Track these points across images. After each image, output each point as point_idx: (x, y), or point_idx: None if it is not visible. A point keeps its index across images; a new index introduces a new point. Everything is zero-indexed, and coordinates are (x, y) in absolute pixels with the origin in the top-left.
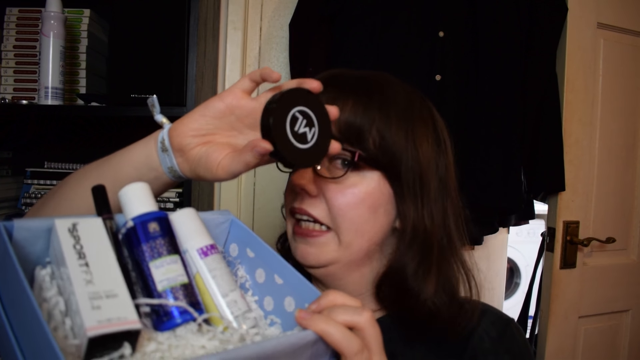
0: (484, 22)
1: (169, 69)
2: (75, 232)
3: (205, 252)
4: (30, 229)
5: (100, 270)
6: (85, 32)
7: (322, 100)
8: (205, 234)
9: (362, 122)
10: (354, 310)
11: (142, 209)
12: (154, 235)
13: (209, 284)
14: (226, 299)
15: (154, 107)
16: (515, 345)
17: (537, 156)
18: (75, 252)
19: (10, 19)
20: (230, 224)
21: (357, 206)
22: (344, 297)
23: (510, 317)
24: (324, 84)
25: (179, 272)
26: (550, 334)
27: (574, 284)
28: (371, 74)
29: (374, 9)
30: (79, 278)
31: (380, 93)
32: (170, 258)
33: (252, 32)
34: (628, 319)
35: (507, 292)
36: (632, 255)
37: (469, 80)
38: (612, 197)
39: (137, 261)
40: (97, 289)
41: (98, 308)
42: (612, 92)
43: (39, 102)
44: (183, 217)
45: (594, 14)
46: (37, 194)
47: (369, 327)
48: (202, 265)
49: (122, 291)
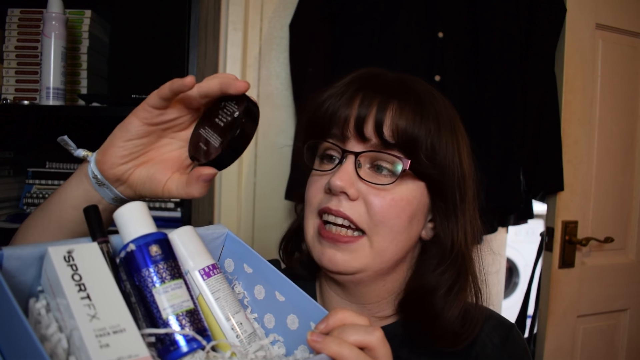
0: (484, 23)
1: (170, 70)
2: (71, 261)
3: (207, 272)
4: (20, 258)
5: (103, 302)
6: (86, 32)
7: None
8: (206, 253)
9: (419, 132)
10: (365, 330)
11: (142, 231)
12: (155, 259)
13: (212, 306)
14: (231, 322)
15: (68, 145)
16: (517, 350)
17: (536, 156)
18: (75, 283)
19: (12, 20)
20: (225, 238)
21: (398, 214)
22: (353, 315)
23: (512, 323)
24: (363, 83)
25: (184, 297)
26: (549, 333)
27: (573, 283)
28: (408, 78)
29: (374, 9)
30: (81, 313)
31: (431, 103)
32: (175, 283)
33: (253, 32)
34: (626, 318)
35: (506, 292)
36: (630, 254)
37: (468, 80)
38: (610, 197)
39: (138, 287)
40: (102, 325)
41: (106, 346)
42: (610, 93)
43: (40, 103)
44: (183, 237)
45: (593, 14)
46: (38, 194)
47: (381, 347)
48: (204, 287)
49: (129, 325)
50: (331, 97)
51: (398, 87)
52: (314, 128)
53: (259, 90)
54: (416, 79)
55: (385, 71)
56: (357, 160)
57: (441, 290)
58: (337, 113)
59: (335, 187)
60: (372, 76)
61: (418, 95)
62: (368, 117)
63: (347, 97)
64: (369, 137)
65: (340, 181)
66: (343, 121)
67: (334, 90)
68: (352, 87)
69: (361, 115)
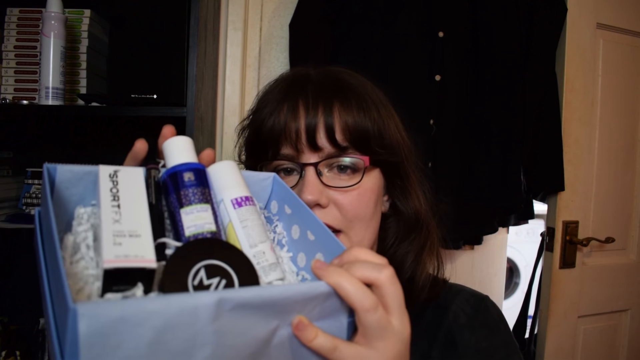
0: (484, 22)
1: (169, 69)
2: (115, 178)
3: (239, 202)
4: (72, 171)
5: (129, 212)
6: (85, 32)
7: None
8: (242, 186)
9: (366, 126)
10: (374, 267)
11: (181, 160)
12: (188, 184)
13: (239, 233)
14: (254, 250)
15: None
16: (490, 318)
17: (537, 156)
18: (111, 194)
19: (11, 20)
20: (272, 181)
21: (366, 204)
22: (368, 253)
23: (485, 294)
24: (297, 89)
25: (207, 220)
26: (550, 333)
27: (573, 283)
28: (332, 70)
29: (373, 9)
30: (108, 216)
31: (365, 91)
32: (201, 206)
33: (252, 32)
34: (627, 319)
35: (507, 292)
36: (631, 255)
37: (468, 80)
38: (611, 197)
39: (170, 208)
40: (122, 228)
41: (119, 245)
42: (611, 92)
43: (39, 102)
44: (222, 169)
45: (593, 14)
46: (37, 194)
47: (389, 285)
48: (234, 214)
49: (145, 233)
50: (270, 113)
51: (333, 86)
52: (262, 147)
53: (258, 91)
54: (339, 69)
55: (307, 70)
56: (317, 169)
57: (408, 257)
58: (286, 128)
59: (309, 202)
60: (302, 80)
61: (354, 88)
62: (318, 126)
63: (290, 109)
64: (322, 147)
65: (312, 195)
66: (295, 135)
67: (268, 103)
68: (288, 96)
69: (311, 125)
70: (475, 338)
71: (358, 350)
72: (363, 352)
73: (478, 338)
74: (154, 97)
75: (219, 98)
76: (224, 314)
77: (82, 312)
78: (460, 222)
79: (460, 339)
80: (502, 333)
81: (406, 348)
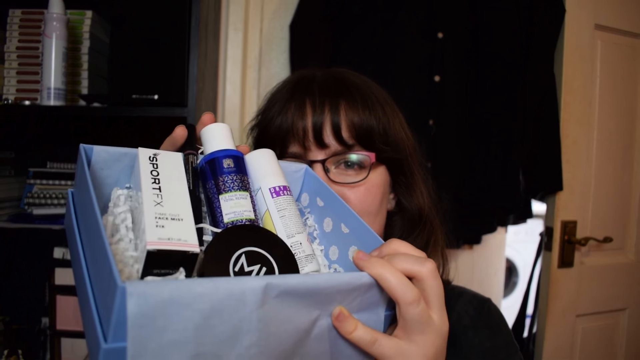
0: (484, 23)
1: (170, 70)
2: (154, 161)
3: (277, 191)
4: (108, 152)
5: (170, 196)
6: (87, 33)
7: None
8: (280, 175)
9: (372, 124)
10: (416, 260)
11: (221, 147)
12: (227, 171)
13: (276, 223)
14: (291, 240)
15: None
16: (493, 320)
17: (536, 156)
18: (151, 177)
19: (13, 21)
20: (304, 173)
21: (373, 200)
22: (408, 246)
23: (487, 297)
24: (304, 89)
25: (246, 207)
26: (548, 332)
27: (572, 283)
28: (337, 72)
29: (373, 9)
30: (149, 198)
31: (370, 90)
32: (240, 194)
33: (253, 33)
34: (625, 318)
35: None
36: (629, 254)
37: (468, 81)
38: (609, 196)
39: (208, 194)
40: (164, 211)
41: (162, 227)
42: (609, 93)
43: (41, 103)
44: (260, 157)
45: (592, 15)
46: (39, 194)
47: (430, 278)
48: (272, 203)
49: (187, 217)
50: (278, 112)
51: (339, 85)
52: (270, 145)
53: (259, 91)
54: (343, 70)
55: (313, 71)
56: (325, 166)
57: None
58: (294, 126)
59: None
60: (308, 80)
61: (359, 87)
62: (324, 124)
63: (297, 108)
64: (329, 144)
65: None
66: (302, 133)
67: (275, 103)
68: (295, 95)
69: (317, 123)
70: (479, 338)
71: (398, 344)
72: (403, 345)
73: (481, 338)
74: (154, 97)
75: (219, 98)
76: (270, 300)
77: (131, 291)
78: (459, 222)
79: (464, 339)
80: (504, 334)
81: (444, 343)
